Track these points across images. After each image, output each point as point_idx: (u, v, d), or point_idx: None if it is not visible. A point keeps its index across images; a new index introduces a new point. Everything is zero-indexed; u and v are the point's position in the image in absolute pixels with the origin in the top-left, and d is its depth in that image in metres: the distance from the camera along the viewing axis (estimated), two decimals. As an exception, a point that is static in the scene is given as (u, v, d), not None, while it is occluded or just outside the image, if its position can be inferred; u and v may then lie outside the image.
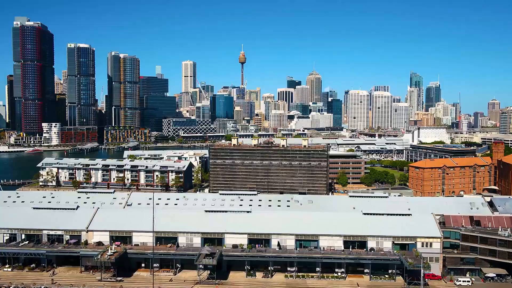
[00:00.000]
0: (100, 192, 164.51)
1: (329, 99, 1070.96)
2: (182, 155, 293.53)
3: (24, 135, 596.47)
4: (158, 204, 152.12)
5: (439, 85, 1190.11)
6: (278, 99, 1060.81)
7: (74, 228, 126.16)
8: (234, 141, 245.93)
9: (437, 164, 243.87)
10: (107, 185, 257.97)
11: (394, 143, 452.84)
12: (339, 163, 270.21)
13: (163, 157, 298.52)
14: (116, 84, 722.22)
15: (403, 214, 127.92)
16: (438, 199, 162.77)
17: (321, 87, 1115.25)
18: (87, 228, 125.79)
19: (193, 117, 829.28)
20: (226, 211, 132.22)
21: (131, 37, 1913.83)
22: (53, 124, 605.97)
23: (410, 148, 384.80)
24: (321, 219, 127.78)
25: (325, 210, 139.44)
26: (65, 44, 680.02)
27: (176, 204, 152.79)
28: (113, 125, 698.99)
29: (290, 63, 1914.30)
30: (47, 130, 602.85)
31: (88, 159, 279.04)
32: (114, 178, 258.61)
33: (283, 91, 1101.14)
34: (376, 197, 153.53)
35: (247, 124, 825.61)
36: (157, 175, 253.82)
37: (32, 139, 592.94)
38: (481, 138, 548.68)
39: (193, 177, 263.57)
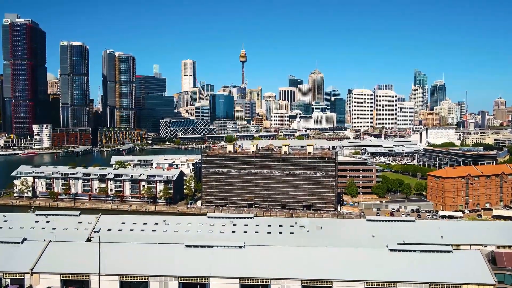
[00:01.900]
0: (63, 215, 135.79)
1: (332, 98, 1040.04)
2: (174, 162, 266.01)
3: (15, 137, 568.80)
4: (132, 230, 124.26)
5: (444, 83, 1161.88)
6: (280, 99, 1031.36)
7: (15, 270, 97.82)
8: (229, 148, 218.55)
9: (460, 173, 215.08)
10: (89, 196, 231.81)
11: (403, 145, 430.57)
12: (348, 171, 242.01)
13: (153, 164, 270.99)
14: (111, 84, 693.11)
15: (442, 251, 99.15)
16: (474, 223, 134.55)
17: (324, 86, 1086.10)
18: (31, 269, 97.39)
19: (192, 117, 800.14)
20: (212, 246, 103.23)
21: (129, 36, 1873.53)
22: (44, 125, 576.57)
23: (422, 152, 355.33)
24: (336, 257, 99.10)
25: (337, 240, 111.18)
26: (59, 42, 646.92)
27: (154, 231, 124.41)
28: (108, 126, 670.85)
29: (292, 62, 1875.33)
30: (38, 132, 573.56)
31: (68, 167, 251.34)
32: (96, 189, 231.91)
33: (284, 90, 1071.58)
34: (400, 221, 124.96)
35: (247, 124, 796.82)
36: (143, 186, 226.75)
37: (22, 142, 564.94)
38: (494, 140, 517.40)
39: (184, 187, 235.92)
